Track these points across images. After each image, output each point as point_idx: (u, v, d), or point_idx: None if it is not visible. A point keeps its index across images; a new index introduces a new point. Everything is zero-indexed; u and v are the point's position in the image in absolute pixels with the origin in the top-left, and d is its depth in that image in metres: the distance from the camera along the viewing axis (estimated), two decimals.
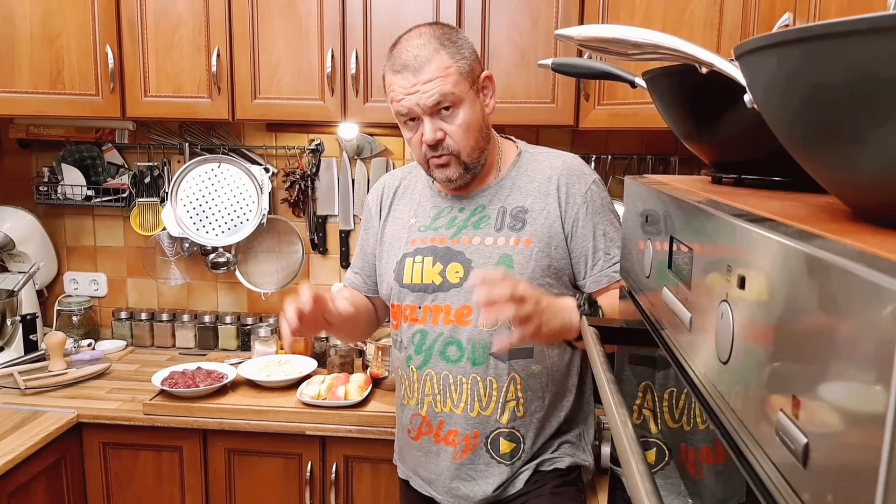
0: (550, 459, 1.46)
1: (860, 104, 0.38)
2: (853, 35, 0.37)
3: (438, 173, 1.41)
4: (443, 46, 1.35)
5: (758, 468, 0.45)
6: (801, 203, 0.59)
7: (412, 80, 1.33)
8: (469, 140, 1.38)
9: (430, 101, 1.33)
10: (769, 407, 0.43)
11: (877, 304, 0.31)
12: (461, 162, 1.39)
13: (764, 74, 0.46)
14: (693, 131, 0.80)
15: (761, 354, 0.45)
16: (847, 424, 0.34)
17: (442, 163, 1.39)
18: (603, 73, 0.99)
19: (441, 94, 1.33)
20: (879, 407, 0.31)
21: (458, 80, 1.35)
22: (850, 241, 0.39)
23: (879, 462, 0.31)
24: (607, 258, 1.41)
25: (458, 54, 1.36)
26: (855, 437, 0.33)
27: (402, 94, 1.35)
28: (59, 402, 2.02)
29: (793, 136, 0.46)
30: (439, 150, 1.38)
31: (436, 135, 1.36)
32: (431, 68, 1.33)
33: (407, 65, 1.34)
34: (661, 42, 0.63)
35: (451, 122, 1.36)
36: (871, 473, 0.31)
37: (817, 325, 0.37)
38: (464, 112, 1.36)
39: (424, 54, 1.33)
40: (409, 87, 1.34)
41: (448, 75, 1.34)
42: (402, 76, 1.35)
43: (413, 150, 1.43)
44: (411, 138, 1.41)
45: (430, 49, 1.34)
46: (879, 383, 0.31)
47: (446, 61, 1.34)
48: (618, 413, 0.67)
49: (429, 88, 1.33)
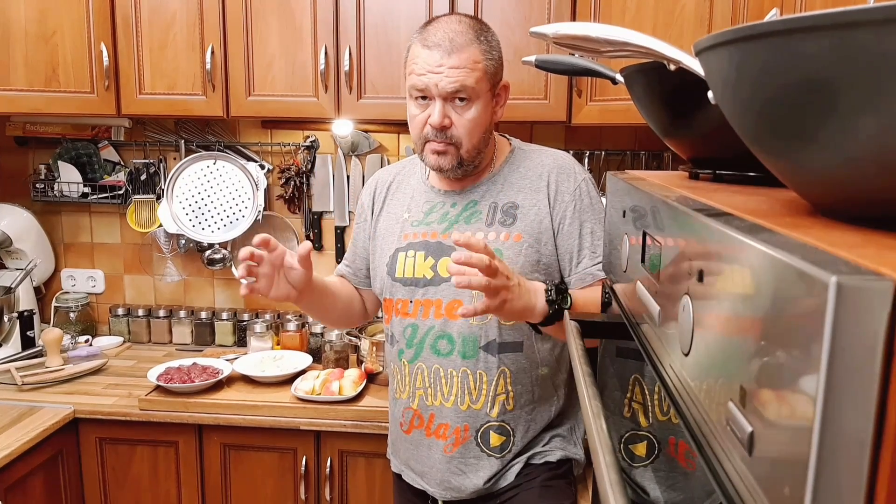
0: (541, 453, 1.47)
1: (805, 102, 0.39)
2: (797, 33, 0.38)
3: (431, 158, 1.41)
4: (478, 41, 1.36)
5: (713, 459, 0.46)
6: (767, 198, 0.60)
7: (439, 59, 1.34)
8: (473, 137, 1.39)
9: (451, 87, 1.34)
10: (722, 397, 0.44)
11: (808, 294, 0.32)
12: (459, 154, 1.39)
13: (720, 72, 0.46)
14: (669, 127, 0.81)
15: (716, 346, 0.46)
16: (784, 413, 0.35)
17: (440, 149, 1.39)
18: (585, 69, 1.00)
19: (462, 84, 1.34)
20: (811, 395, 0.32)
21: (481, 78, 1.36)
22: (796, 234, 0.40)
23: (810, 450, 0.32)
24: (593, 256, 1.42)
25: (489, 53, 1.38)
26: (791, 424, 0.34)
27: (424, 69, 1.35)
28: (56, 398, 2.03)
29: (748, 132, 0.47)
30: (441, 136, 1.38)
31: (443, 120, 1.36)
32: (463, 56, 1.34)
33: (440, 44, 1.34)
34: (630, 39, 0.64)
35: (461, 114, 1.37)
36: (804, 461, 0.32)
37: (761, 316, 0.38)
38: (476, 109, 1.37)
39: (460, 41, 1.34)
40: (433, 66, 1.34)
41: (475, 69, 1.35)
42: (430, 52, 1.34)
43: (413, 128, 1.42)
44: (416, 116, 1.40)
45: (466, 38, 1.35)
46: (810, 373, 0.32)
47: (477, 55, 1.35)
48: (591, 406, 0.68)
49: (453, 75, 1.33)
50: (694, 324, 0.50)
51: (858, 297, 0.30)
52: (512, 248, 1.41)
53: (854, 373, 0.30)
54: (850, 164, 0.37)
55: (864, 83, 0.34)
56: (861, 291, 0.30)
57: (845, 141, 0.36)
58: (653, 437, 1.00)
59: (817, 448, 0.31)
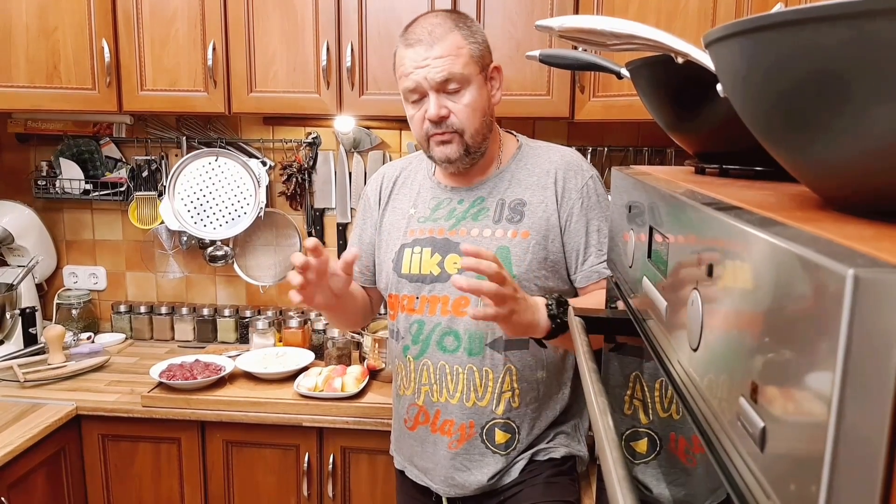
0: (546, 449, 1.47)
1: (819, 93, 0.38)
2: (812, 22, 0.37)
3: (438, 151, 1.41)
4: (458, 28, 1.37)
5: (723, 455, 0.45)
6: (775, 192, 0.59)
7: (423, 54, 1.35)
8: (474, 122, 1.39)
9: (439, 76, 1.34)
10: (732, 393, 0.43)
11: (824, 287, 0.31)
12: (463, 141, 1.39)
13: (730, 63, 0.46)
14: (675, 122, 0.80)
15: (726, 341, 0.45)
16: (798, 408, 0.34)
17: (444, 139, 1.39)
18: (590, 64, 0.99)
19: (450, 71, 1.35)
20: (826, 392, 0.31)
21: (468, 62, 1.36)
22: (808, 228, 0.39)
23: (825, 446, 0.31)
24: (599, 254, 1.41)
25: (471, 38, 1.38)
26: (805, 421, 0.33)
27: (411, 67, 1.36)
28: (59, 395, 2.03)
29: (759, 125, 0.47)
30: (443, 128, 1.38)
31: (440, 111, 1.36)
32: (444, 45, 1.35)
33: (420, 39, 1.35)
34: (637, 32, 0.63)
35: (457, 101, 1.37)
36: (818, 458, 0.31)
37: (774, 311, 0.38)
38: (470, 93, 1.37)
39: (439, 32, 1.35)
40: (419, 62, 1.35)
41: (459, 55, 1.35)
42: (413, 50, 1.36)
43: (414, 128, 1.43)
44: (414, 115, 1.41)
45: (445, 28, 1.36)
46: (825, 367, 0.31)
47: (459, 41, 1.36)
48: (597, 402, 0.67)
49: (439, 64, 1.34)
50: (703, 319, 0.50)
51: (876, 290, 0.29)
52: (519, 246, 1.40)
53: (870, 367, 0.30)
54: (866, 156, 0.37)
55: (881, 73, 0.33)
56: (879, 284, 0.29)
57: (861, 133, 0.36)
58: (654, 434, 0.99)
59: (832, 444, 0.31)
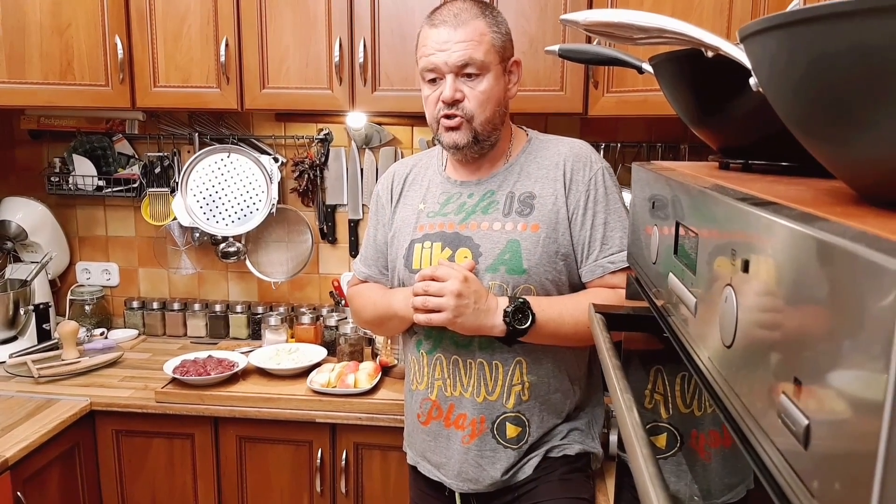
0: (560, 446, 1.47)
1: (862, 85, 0.38)
2: (856, 15, 0.37)
3: (447, 136, 1.43)
4: (483, 15, 1.40)
5: (761, 451, 0.45)
6: (807, 187, 0.58)
7: (446, 36, 1.37)
8: (486, 110, 1.40)
9: (459, 60, 1.37)
10: (772, 390, 0.43)
11: (877, 285, 0.31)
12: (472, 128, 1.41)
13: (768, 57, 0.45)
14: (700, 116, 0.80)
15: (765, 338, 0.45)
16: (847, 407, 0.34)
17: (453, 125, 1.41)
18: (610, 58, 0.98)
19: (470, 56, 1.37)
20: (879, 390, 0.31)
21: (489, 50, 1.39)
22: (852, 223, 0.38)
23: (878, 445, 0.31)
24: (604, 248, 1.41)
25: (495, 27, 1.41)
26: (855, 419, 0.33)
27: (433, 48, 1.39)
28: (73, 391, 2.04)
29: (797, 119, 0.46)
30: (454, 110, 1.39)
31: (455, 94, 1.38)
32: (468, 29, 1.37)
33: (445, 21, 1.39)
34: (667, 26, 0.63)
35: (472, 87, 1.39)
36: (870, 456, 0.31)
37: (819, 307, 0.37)
38: (487, 81, 1.39)
39: (465, 16, 1.38)
40: (441, 43, 1.38)
41: (481, 42, 1.38)
42: (437, 31, 1.39)
43: (427, 109, 1.45)
44: (429, 96, 1.43)
45: (471, 13, 1.39)
46: (879, 366, 0.31)
47: (483, 28, 1.39)
48: (623, 398, 0.67)
49: (460, 48, 1.37)
50: (738, 315, 0.49)
51: None
52: (529, 239, 1.40)
53: None
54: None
55: None
56: None
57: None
58: (674, 430, 0.99)
59: (885, 443, 0.30)
